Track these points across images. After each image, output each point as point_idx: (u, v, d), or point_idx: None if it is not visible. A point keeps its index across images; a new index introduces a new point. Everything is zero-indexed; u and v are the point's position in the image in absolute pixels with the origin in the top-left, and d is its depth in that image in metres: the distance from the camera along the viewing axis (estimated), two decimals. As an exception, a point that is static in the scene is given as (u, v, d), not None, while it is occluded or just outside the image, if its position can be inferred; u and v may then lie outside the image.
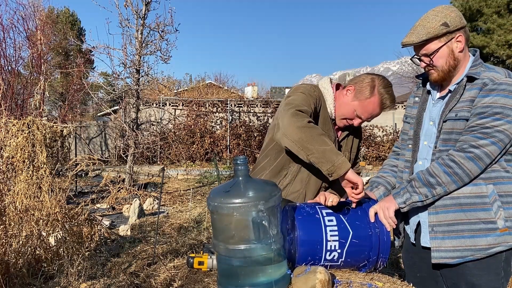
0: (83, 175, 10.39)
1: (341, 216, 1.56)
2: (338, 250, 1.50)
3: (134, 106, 8.93)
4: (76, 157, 7.34)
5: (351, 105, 1.86)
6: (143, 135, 9.18)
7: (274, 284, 1.33)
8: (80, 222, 3.95)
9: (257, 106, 16.65)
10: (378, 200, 1.75)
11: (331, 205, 1.58)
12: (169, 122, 14.25)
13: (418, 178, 1.62)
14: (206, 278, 1.60)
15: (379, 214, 1.60)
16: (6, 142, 3.99)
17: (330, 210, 1.58)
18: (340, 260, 1.52)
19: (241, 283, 1.33)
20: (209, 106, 16.09)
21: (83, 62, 12.80)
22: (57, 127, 4.61)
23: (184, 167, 13.41)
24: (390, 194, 1.70)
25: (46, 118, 10.14)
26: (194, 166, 14.20)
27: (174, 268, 1.87)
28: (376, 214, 1.61)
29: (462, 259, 1.59)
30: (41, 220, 3.52)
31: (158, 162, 14.60)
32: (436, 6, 1.67)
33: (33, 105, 9.58)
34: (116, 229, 5.52)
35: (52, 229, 3.65)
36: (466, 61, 1.69)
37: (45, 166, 3.94)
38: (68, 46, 22.28)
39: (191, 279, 1.62)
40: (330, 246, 1.49)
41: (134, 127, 8.78)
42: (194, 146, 14.90)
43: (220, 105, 16.15)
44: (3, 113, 4.82)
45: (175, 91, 23.09)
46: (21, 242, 3.19)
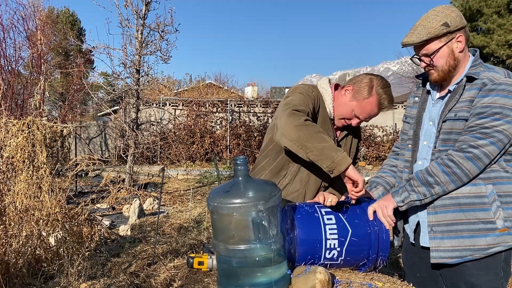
0: (83, 175, 10.39)
1: (340, 214, 1.57)
2: (338, 249, 1.51)
3: (134, 106, 8.93)
4: (76, 157, 7.34)
5: (349, 105, 1.86)
6: (143, 135, 9.18)
7: (274, 284, 1.33)
8: (80, 222, 3.95)
9: (257, 106, 16.66)
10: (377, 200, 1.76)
11: (330, 205, 1.58)
12: (169, 122, 14.25)
13: (417, 177, 1.62)
14: (206, 278, 1.61)
15: (378, 213, 1.61)
16: (6, 142, 4.00)
17: (329, 209, 1.59)
18: (339, 258, 1.52)
19: (241, 283, 1.33)
20: (209, 106, 16.09)
21: (83, 62, 12.80)
22: (57, 127, 4.61)
23: (184, 167, 13.41)
24: (389, 193, 1.70)
25: (46, 118, 10.12)
26: (194, 166, 14.20)
27: (174, 268, 1.87)
28: (375, 212, 1.61)
29: (461, 259, 1.60)
30: (41, 220, 3.52)
31: (158, 162, 14.60)
32: (436, 6, 1.67)
33: (33, 105, 9.57)
34: (116, 229, 5.53)
35: (52, 229, 3.65)
36: (466, 61, 1.69)
37: (45, 166, 3.94)
38: (68, 46, 22.29)
39: (191, 279, 1.62)
40: (330, 244, 1.49)
41: (134, 127, 8.79)
42: (194, 146, 14.90)
43: (220, 105, 16.15)
44: (3, 113, 4.82)
45: (175, 91, 23.09)
46: (21, 242, 3.19)
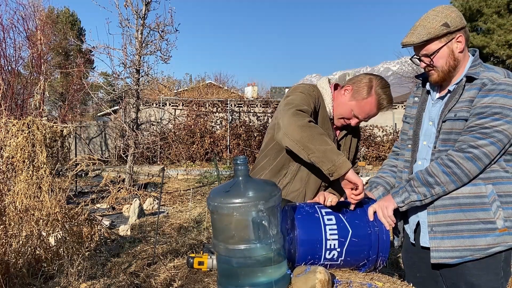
0: (83, 175, 10.39)
1: (340, 215, 1.57)
2: (338, 249, 1.51)
3: (134, 106, 8.93)
4: (76, 157, 7.34)
5: (349, 105, 1.86)
6: (143, 135, 9.18)
7: (274, 284, 1.33)
8: (80, 222, 3.95)
9: (257, 106, 16.65)
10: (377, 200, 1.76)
11: (330, 205, 1.58)
12: (169, 122, 14.24)
13: (417, 178, 1.62)
14: (206, 278, 1.60)
15: (378, 213, 1.60)
16: (6, 142, 4.00)
17: (329, 210, 1.58)
18: (339, 259, 1.52)
19: (241, 283, 1.33)
20: (209, 106, 16.09)
21: (83, 62, 12.79)
22: (57, 127, 4.61)
23: (184, 167, 13.41)
24: (389, 193, 1.70)
25: (46, 118, 10.13)
26: (194, 166, 14.20)
27: (174, 268, 1.87)
28: (375, 213, 1.61)
29: (461, 259, 1.60)
30: (41, 220, 3.52)
31: (158, 162, 14.60)
32: (436, 6, 1.66)
33: (33, 105, 9.57)
34: (116, 229, 5.52)
35: (52, 229, 3.65)
36: (466, 61, 1.69)
37: (45, 166, 3.95)
38: (68, 46, 22.28)
39: (191, 279, 1.62)
40: (330, 245, 1.49)
41: (134, 127, 8.79)
42: (194, 146, 14.90)
43: (220, 105, 16.15)
44: (3, 113, 4.82)
45: (175, 91, 23.09)
46: (21, 242, 3.19)
